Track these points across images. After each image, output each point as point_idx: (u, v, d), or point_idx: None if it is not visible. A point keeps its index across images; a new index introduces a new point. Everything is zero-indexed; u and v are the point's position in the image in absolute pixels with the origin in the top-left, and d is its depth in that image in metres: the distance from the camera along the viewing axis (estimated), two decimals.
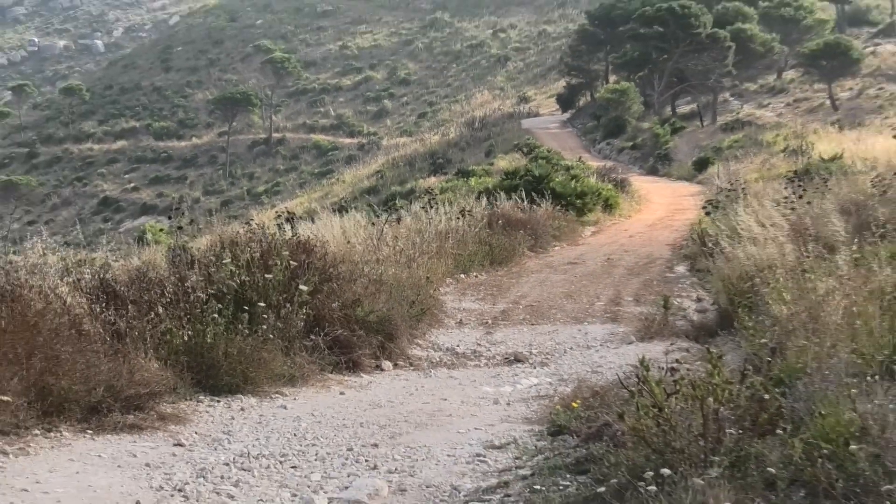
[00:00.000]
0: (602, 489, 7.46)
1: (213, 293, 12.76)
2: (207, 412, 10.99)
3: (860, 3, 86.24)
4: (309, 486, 8.44)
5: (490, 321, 18.13)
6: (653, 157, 57.26)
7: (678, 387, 8.04)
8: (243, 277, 13.27)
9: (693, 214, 31.00)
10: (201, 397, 11.42)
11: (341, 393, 12.39)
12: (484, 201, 29.86)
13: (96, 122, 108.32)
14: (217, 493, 8.22)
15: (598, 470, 8.01)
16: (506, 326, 17.71)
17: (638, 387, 8.45)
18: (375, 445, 9.75)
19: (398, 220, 24.84)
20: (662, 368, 8.84)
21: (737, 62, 68.70)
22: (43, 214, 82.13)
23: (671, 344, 13.71)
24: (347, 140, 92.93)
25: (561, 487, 7.97)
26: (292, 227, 17.30)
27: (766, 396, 8.05)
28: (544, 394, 11.83)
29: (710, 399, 7.82)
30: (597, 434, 8.96)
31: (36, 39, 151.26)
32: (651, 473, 6.94)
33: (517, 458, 9.12)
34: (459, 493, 8.23)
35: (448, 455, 9.41)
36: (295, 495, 8.20)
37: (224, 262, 13.61)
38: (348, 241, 19.04)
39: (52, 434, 9.61)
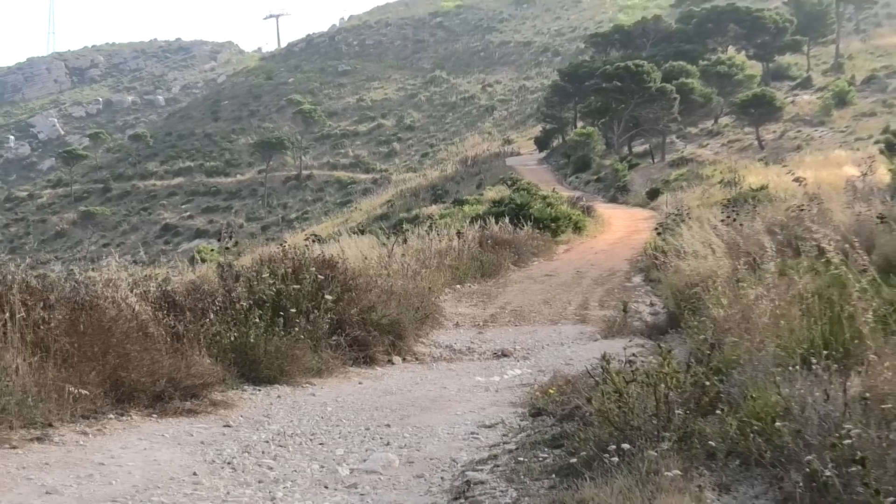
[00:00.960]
0: (574, 460, 7.44)
1: (255, 301, 12.83)
2: (250, 399, 11.04)
3: (781, 61, 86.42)
4: (334, 459, 8.44)
5: (481, 323, 18.17)
6: (613, 188, 57.44)
7: (635, 376, 8.05)
8: (279, 288, 13.31)
9: (647, 235, 31.01)
10: (245, 387, 11.48)
11: (360, 383, 12.44)
12: (476, 225, 29.90)
13: (158, 162, 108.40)
14: (259, 465, 8.21)
15: (570, 444, 8.02)
16: (494, 327, 17.75)
17: (602, 376, 8.47)
18: (388, 425, 9.76)
19: (405, 240, 24.93)
20: (622, 361, 8.89)
21: (681, 110, 68.93)
22: (115, 238, 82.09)
23: (629, 341, 13.75)
24: (363, 176, 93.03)
25: (540, 459, 7.97)
26: (319, 247, 17.34)
27: (707, 383, 8.08)
28: (526, 382, 11.82)
29: (662, 385, 7.81)
30: (569, 415, 8.97)
31: (109, 96, 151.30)
32: (614, 447, 6.93)
33: (504, 436, 9.13)
34: (457, 464, 8.26)
35: (448, 433, 9.42)
36: (323, 467, 8.21)
37: (263, 276, 13.65)
38: (364, 258, 19.03)
39: (124, 418, 9.65)
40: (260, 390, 11.50)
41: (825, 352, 7.61)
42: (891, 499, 4.96)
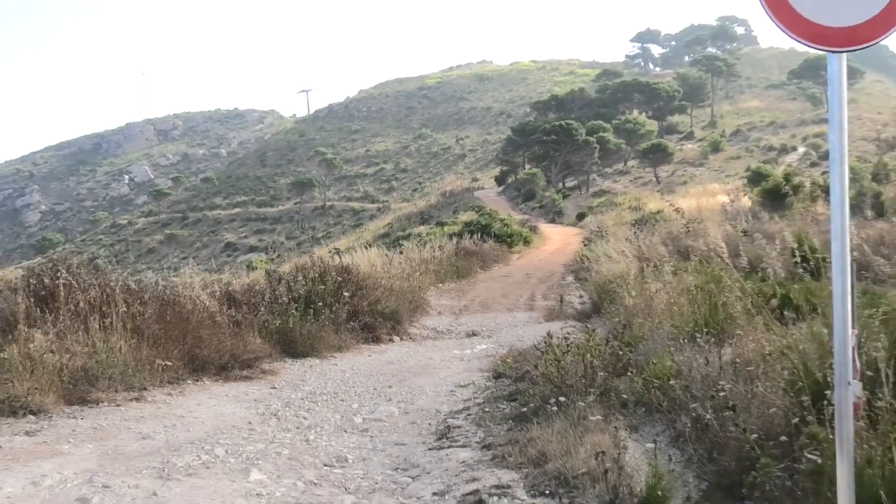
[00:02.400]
0: (525, 409, 7.47)
1: (292, 297, 12.96)
2: (290, 368, 11.06)
3: (672, 120, 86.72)
4: (351, 411, 8.43)
5: (457, 311, 18.16)
6: (552, 212, 57.38)
7: (569, 348, 8.09)
8: (309, 287, 13.43)
9: (576, 246, 31.02)
10: (286, 359, 11.53)
11: (369, 355, 12.42)
12: (453, 240, 29.91)
13: (221, 197, 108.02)
14: (296, 416, 8.21)
15: (522, 398, 8.04)
16: (466, 314, 17.75)
17: (545, 349, 8.52)
18: (390, 386, 9.76)
19: (401, 252, 25.01)
20: (560, 338, 8.88)
21: (600, 156, 69.15)
22: (191, 253, 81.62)
23: (565, 323, 13.80)
24: (370, 205, 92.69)
25: (500, 409, 7.98)
26: (339, 258, 17.40)
27: (621, 353, 8.18)
28: (490, 354, 11.81)
29: (588, 355, 7.85)
30: (521, 377, 9.00)
31: (186, 150, 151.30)
32: (554, 400, 6.97)
33: (474, 393, 9.14)
34: (440, 413, 8.27)
35: (433, 391, 9.41)
36: (343, 417, 8.21)
37: (298, 279, 13.80)
38: (372, 265, 19.09)
39: (198, 383, 9.67)
40: (297, 362, 11.55)
41: (706, 329, 7.66)
42: (754, 435, 4.97)
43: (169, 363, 9.59)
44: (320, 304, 13.00)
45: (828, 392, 4.37)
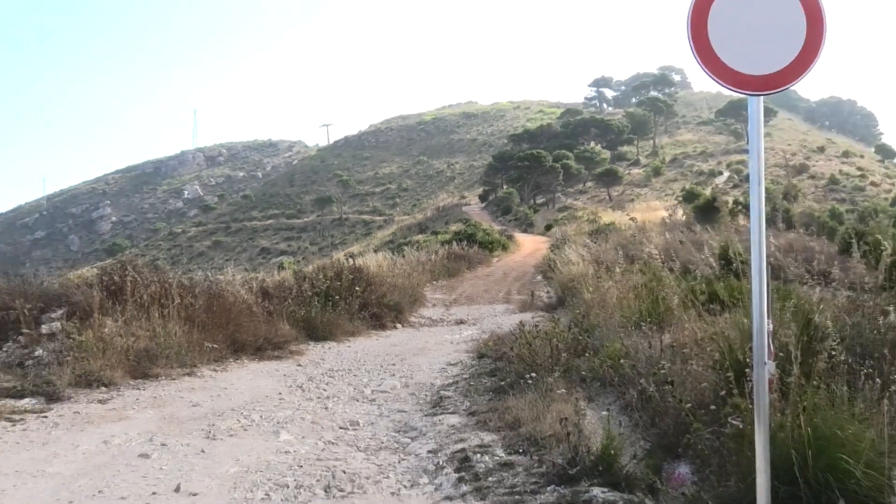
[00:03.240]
0: (503, 383, 7.46)
1: (315, 292, 12.94)
2: (312, 349, 11.04)
3: (621, 150, 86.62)
4: (361, 384, 8.42)
5: (448, 304, 18.14)
6: (525, 224, 57.24)
7: (538, 334, 8.08)
8: (328, 284, 13.40)
9: (545, 251, 31.00)
10: (309, 343, 11.50)
11: (377, 339, 12.42)
12: (445, 246, 29.90)
13: (258, 211, 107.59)
14: (317, 388, 8.20)
15: (500, 374, 8.04)
16: (456, 306, 17.74)
17: (519, 334, 8.49)
18: (393, 364, 9.75)
19: (403, 255, 24.98)
20: (531, 325, 8.87)
21: (564, 179, 69.22)
22: (233, 256, 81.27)
23: (535, 314, 13.78)
24: (378, 218, 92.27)
25: (483, 383, 7.98)
26: (352, 260, 17.40)
27: (580, 338, 8.13)
28: (475, 338, 11.78)
29: (554, 339, 7.84)
30: (500, 357, 8.97)
31: (229, 173, 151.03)
32: (526, 375, 6.94)
33: (462, 370, 9.13)
34: (434, 386, 8.24)
35: (429, 368, 9.39)
36: (355, 389, 8.19)
37: (319, 277, 13.76)
38: (379, 266, 19.09)
39: (238, 362, 9.65)
40: (318, 344, 11.52)
41: (649, 319, 7.66)
42: (688, 405, 4.97)
43: (214, 345, 9.60)
44: (337, 297, 13.02)
45: (748, 370, 4.37)
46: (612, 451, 4.77)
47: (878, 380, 4.35)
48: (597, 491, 4.52)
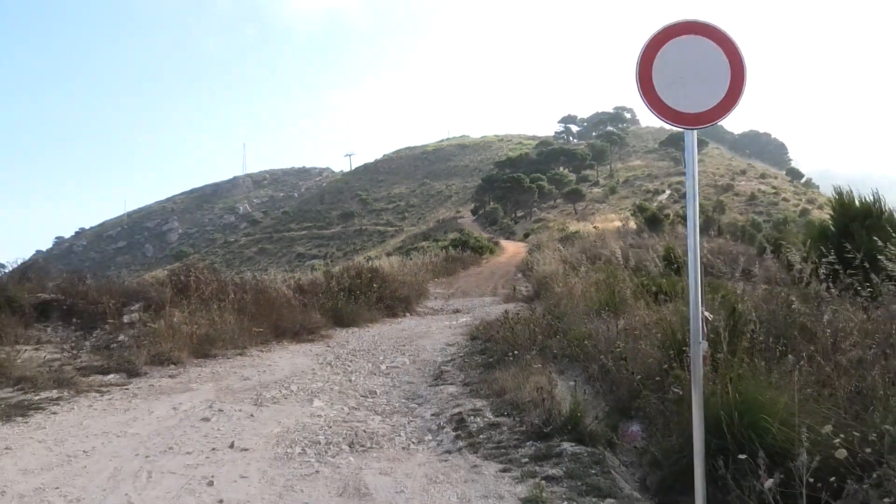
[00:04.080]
0: (491, 360, 7.43)
1: (340, 288, 12.84)
2: (339, 334, 10.95)
3: (584, 174, 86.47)
4: (378, 361, 8.38)
5: (447, 297, 18.04)
6: (507, 232, 57.09)
7: (519, 320, 8.04)
8: (351, 281, 13.32)
9: (524, 255, 30.98)
10: (336, 328, 11.41)
11: (390, 326, 12.31)
12: (444, 251, 29.86)
13: (295, 224, 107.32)
14: (343, 364, 8.16)
15: (489, 353, 7.99)
16: (453, 298, 17.64)
17: (504, 320, 8.46)
18: (403, 345, 9.69)
19: (410, 258, 24.90)
20: (513, 313, 8.84)
21: (538, 196, 69.15)
22: (274, 260, 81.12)
23: (516, 304, 13.67)
24: (391, 228, 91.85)
25: (475, 359, 7.93)
26: (370, 262, 17.34)
27: (552, 323, 8.09)
28: (469, 324, 11.73)
29: (531, 324, 7.83)
30: (489, 339, 8.92)
31: (272, 194, 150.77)
32: (510, 353, 6.91)
33: (458, 349, 9.07)
34: (436, 362, 8.17)
35: (432, 348, 9.34)
36: (373, 365, 8.14)
37: (344, 276, 13.70)
38: (392, 267, 18.98)
39: (279, 344, 9.61)
40: (343, 329, 11.41)
41: (607, 308, 7.64)
42: (639, 376, 4.97)
43: (260, 330, 9.57)
44: (358, 292, 12.91)
45: (686, 348, 4.36)
46: (579, 414, 4.77)
47: (789, 356, 4.37)
48: (566, 445, 4.52)
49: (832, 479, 3.18)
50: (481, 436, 4.98)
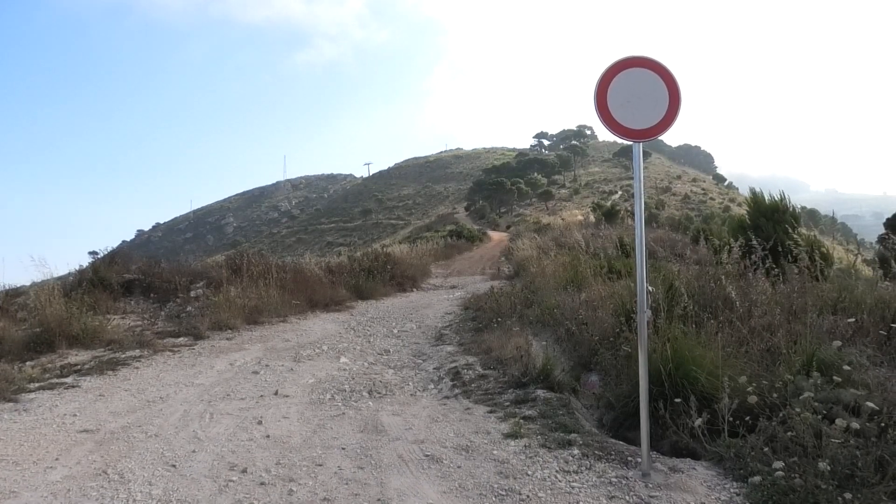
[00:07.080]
0: (480, 325, 7.40)
1: (362, 269, 12.75)
2: (360, 305, 10.84)
3: (554, 178, 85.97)
4: (391, 326, 8.33)
5: (445, 276, 17.94)
6: (493, 225, 56.90)
7: (503, 293, 8.00)
8: (370, 264, 13.24)
9: (507, 242, 30.87)
10: (358, 301, 11.28)
11: (400, 299, 12.20)
12: (443, 240, 29.75)
13: (325, 219, 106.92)
14: (364, 329, 8.13)
15: (479, 320, 7.92)
16: (451, 277, 17.54)
17: (490, 294, 8.42)
18: (411, 314, 9.62)
19: (417, 245, 24.80)
20: (498, 288, 8.81)
21: (517, 196, 68.92)
22: (309, 248, 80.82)
23: (500, 282, 13.59)
24: (401, 222, 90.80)
25: (468, 325, 7.86)
26: (384, 249, 17.26)
27: (529, 296, 8.03)
28: (463, 297, 11.68)
29: (512, 297, 7.79)
30: (479, 308, 8.86)
31: (306, 195, 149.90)
32: (495, 320, 6.90)
33: (454, 317, 8.99)
34: (437, 328, 8.10)
35: (433, 316, 9.28)
36: (387, 329, 8.09)
37: (364, 259, 13.60)
38: (402, 252, 18.92)
39: (313, 313, 9.54)
40: (364, 302, 11.27)
41: (571, 283, 7.63)
42: (597, 337, 4.97)
43: (298, 302, 9.52)
44: (375, 272, 12.81)
45: (633, 315, 4.37)
46: (549, 367, 4.77)
47: (713, 321, 4.37)
48: (540, 392, 4.53)
49: (747, 417, 3.22)
50: (473, 385, 4.99)
